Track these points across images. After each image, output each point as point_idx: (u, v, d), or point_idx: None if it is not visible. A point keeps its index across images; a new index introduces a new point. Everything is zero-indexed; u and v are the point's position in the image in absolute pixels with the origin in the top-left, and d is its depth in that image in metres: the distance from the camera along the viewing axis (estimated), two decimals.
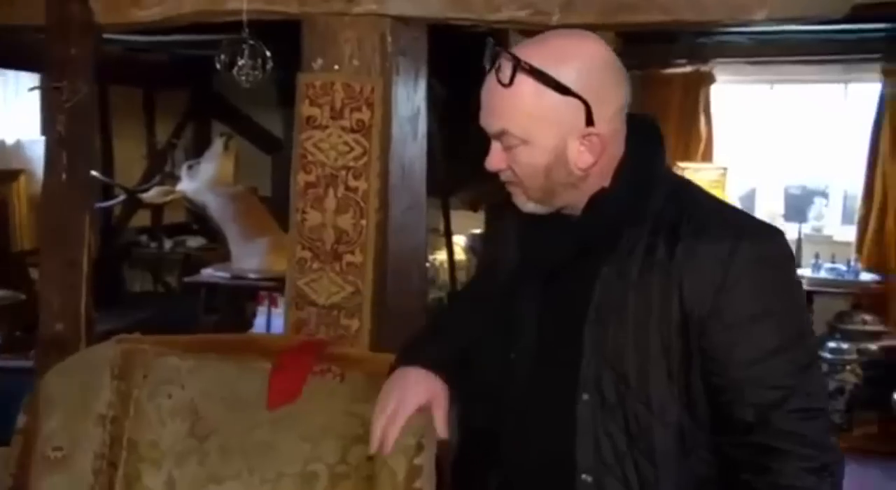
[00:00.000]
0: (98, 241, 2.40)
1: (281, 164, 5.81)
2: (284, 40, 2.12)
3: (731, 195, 5.29)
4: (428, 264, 4.16)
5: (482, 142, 3.16)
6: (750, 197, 5.77)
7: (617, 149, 1.29)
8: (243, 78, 2.09)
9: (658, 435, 1.25)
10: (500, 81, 1.21)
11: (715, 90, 5.48)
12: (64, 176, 2.17)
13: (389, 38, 1.93)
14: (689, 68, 5.36)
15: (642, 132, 1.32)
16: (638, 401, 1.25)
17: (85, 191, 2.23)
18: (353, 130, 1.94)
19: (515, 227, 1.44)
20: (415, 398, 1.50)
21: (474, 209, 4.15)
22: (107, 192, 5.53)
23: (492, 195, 3.03)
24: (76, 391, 1.78)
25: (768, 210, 5.49)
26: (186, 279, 5.19)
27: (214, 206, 5.41)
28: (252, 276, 5.01)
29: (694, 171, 4.94)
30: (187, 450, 1.70)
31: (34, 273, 4.30)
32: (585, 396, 1.27)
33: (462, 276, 3.92)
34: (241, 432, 1.70)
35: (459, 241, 4.08)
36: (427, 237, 2.70)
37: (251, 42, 2.06)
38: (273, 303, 5.61)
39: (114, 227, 6.01)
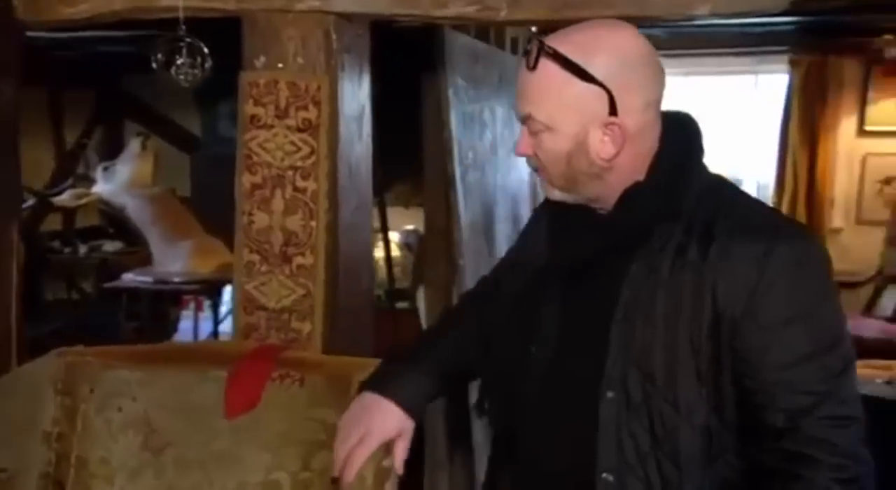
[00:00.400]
0: (24, 250, 2.32)
1: (200, 163, 5.72)
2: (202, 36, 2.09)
3: None
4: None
5: (414, 139, 3.15)
6: None
7: (648, 143, 1.29)
8: (181, 77, 2.04)
9: (684, 436, 1.24)
10: (527, 65, 1.23)
11: None
12: None
13: (334, 36, 1.91)
14: None
15: (680, 129, 1.32)
16: (664, 400, 1.24)
17: (11, 198, 2.16)
18: (299, 130, 1.92)
19: (547, 223, 1.44)
20: (381, 433, 1.49)
21: (407, 206, 4.15)
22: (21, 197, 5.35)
23: (424, 191, 3.03)
24: (18, 409, 1.75)
25: None
26: (107, 285, 5.05)
27: (133, 208, 5.30)
28: (176, 279, 4.93)
29: None
30: (142, 464, 1.68)
31: None
32: (610, 394, 1.26)
33: (398, 273, 3.93)
34: (198, 443, 1.68)
35: (394, 237, 4.08)
36: (371, 241, 2.71)
37: (188, 40, 2.01)
38: (199, 307, 5.53)
39: (24, 233, 5.79)
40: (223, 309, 5.49)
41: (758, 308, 1.20)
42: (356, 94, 2.04)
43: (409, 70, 2.93)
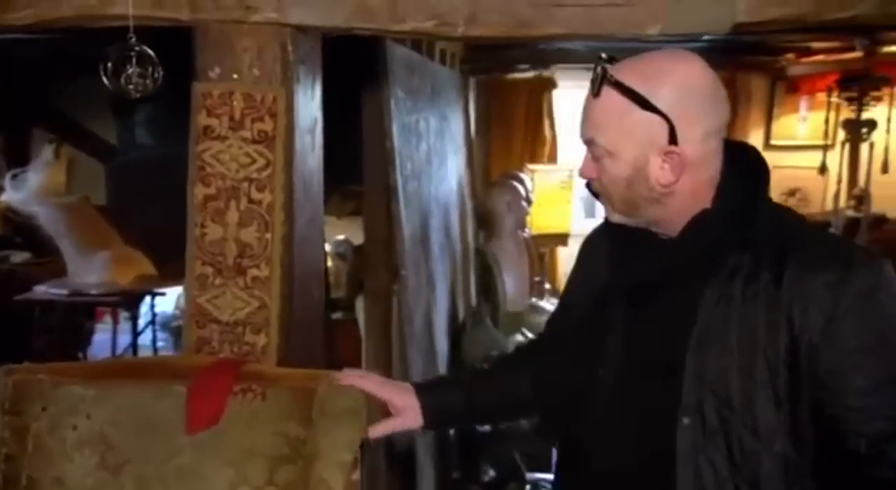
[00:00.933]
0: None
1: (117, 172, 5.57)
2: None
3: (577, 196, 5.56)
4: None
5: (344, 150, 3.14)
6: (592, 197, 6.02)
7: (709, 171, 1.32)
8: (131, 87, 1.99)
9: (765, 462, 1.26)
10: (591, 92, 1.29)
11: (558, 94, 5.73)
12: None
13: (290, 48, 1.90)
14: (531, 74, 5.56)
15: (744, 159, 1.36)
16: (743, 426, 1.26)
17: None
18: (255, 141, 1.89)
19: (607, 248, 1.48)
20: (391, 395, 1.59)
21: (339, 216, 4.13)
22: None
23: (364, 202, 3.04)
24: None
25: None
26: (17, 297, 4.85)
27: (45, 217, 5.11)
28: (93, 291, 4.78)
29: (543, 173, 5.17)
30: (99, 483, 1.65)
31: None
32: (686, 421, 1.28)
33: (338, 284, 3.93)
34: (159, 460, 1.66)
35: (328, 248, 4.07)
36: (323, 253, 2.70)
37: (138, 48, 1.97)
38: (116, 320, 5.38)
39: None
40: (141, 321, 5.37)
41: (835, 334, 1.22)
42: (310, 107, 2.03)
43: (344, 81, 2.93)
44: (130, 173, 5.55)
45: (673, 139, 1.27)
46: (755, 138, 5.68)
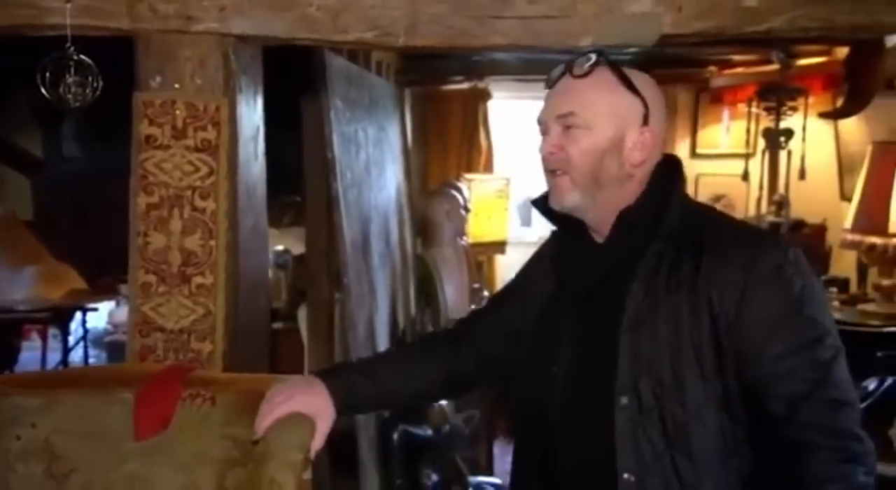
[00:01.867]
0: None
1: (44, 185, 5.45)
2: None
3: (514, 205, 5.64)
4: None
5: (280, 161, 3.14)
6: (528, 205, 6.11)
7: (652, 165, 1.46)
8: (70, 97, 1.98)
9: (695, 434, 1.33)
10: (576, 74, 1.41)
11: (492, 105, 5.81)
12: None
13: (232, 57, 1.92)
14: (466, 85, 5.63)
15: (666, 164, 1.48)
16: (675, 402, 1.33)
17: None
18: (198, 150, 1.91)
19: (551, 259, 1.58)
20: (303, 404, 1.57)
21: (278, 226, 4.12)
22: None
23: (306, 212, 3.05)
24: None
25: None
26: None
27: None
28: (21, 307, 4.71)
29: (480, 182, 5.22)
30: None
31: None
32: (624, 400, 1.35)
33: (281, 294, 3.93)
34: (107, 468, 1.65)
35: (271, 258, 4.06)
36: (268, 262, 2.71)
37: (76, 58, 1.96)
38: (44, 336, 5.26)
39: None
40: (72, 338, 5.26)
41: (748, 309, 1.31)
42: (252, 116, 2.06)
43: (283, 90, 2.94)
44: (58, 187, 5.43)
45: (646, 121, 1.43)
46: (682, 147, 5.82)
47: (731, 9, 1.84)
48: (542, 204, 1.54)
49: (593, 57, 1.43)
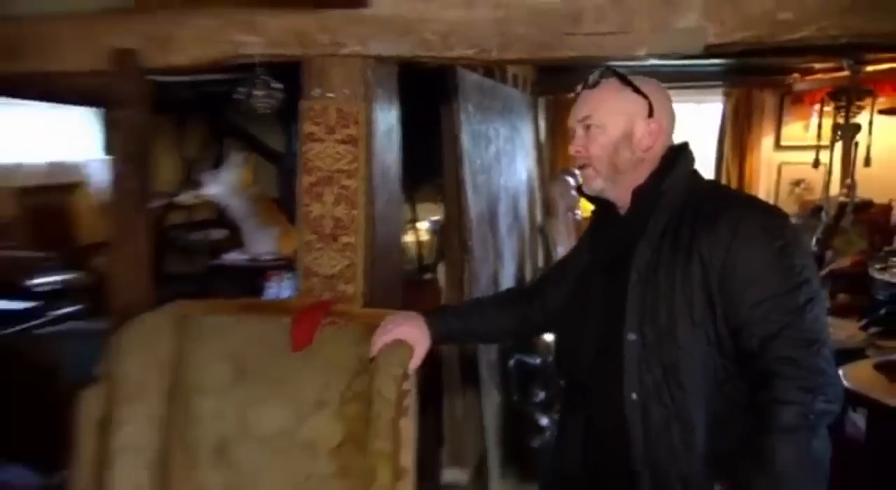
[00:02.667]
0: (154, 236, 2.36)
1: (283, 172, 5.73)
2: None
3: None
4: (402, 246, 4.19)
5: (434, 153, 3.11)
6: None
7: (661, 150, 1.37)
8: (258, 105, 2.07)
9: (686, 369, 1.26)
10: (590, 85, 1.37)
11: None
12: (126, 186, 2.13)
13: (370, 73, 1.92)
14: None
15: (675, 149, 1.40)
16: (670, 342, 1.26)
17: (143, 197, 2.20)
18: (344, 142, 1.93)
19: (588, 234, 1.55)
20: (402, 332, 1.59)
21: (435, 202, 4.15)
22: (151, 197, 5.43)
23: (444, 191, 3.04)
24: (145, 343, 1.77)
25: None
26: (213, 262, 5.09)
27: (236, 205, 5.31)
28: (265, 258, 4.97)
29: None
30: (230, 384, 1.71)
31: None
32: (631, 337, 1.30)
33: (426, 252, 3.97)
34: (271, 369, 1.72)
35: (423, 226, 4.10)
36: (402, 227, 2.75)
37: (264, 77, 2.04)
38: (281, 278, 5.57)
39: (154, 224, 5.85)
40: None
41: (733, 263, 1.23)
42: (387, 117, 2.05)
43: (431, 101, 2.93)
44: (291, 172, 5.69)
45: (651, 114, 1.35)
46: (767, 142, 5.48)
47: (767, 21, 1.65)
48: (581, 189, 1.49)
49: (601, 71, 1.38)
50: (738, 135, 5.46)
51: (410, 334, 1.60)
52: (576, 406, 1.49)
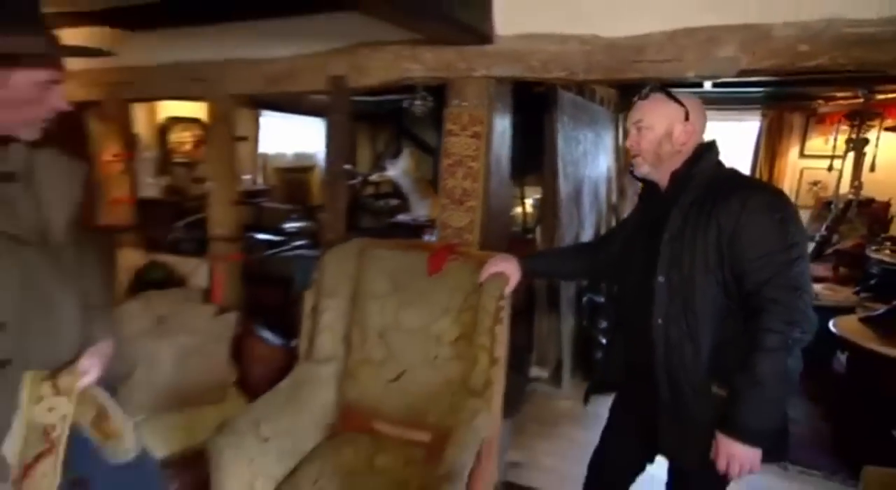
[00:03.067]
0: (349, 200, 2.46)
1: (436, 160, 5.78)
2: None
3: None
4: (511, 214, 4.14)
5: (539, 150, 2.98)
6: None
7: (693, 145, 1.27)
8: (417, 111, 2.10)
9: (699, 302, 1.19)
10: (642, 97, 1.29)
11: None
12: (335, 168, 2.23)
13: (492, 89, 1.89)
14: None
15: (708, 146, 1.29)
16: (689, 283, 1.19)
17: (345, 177, 2.31)
18: (472, 137, 1.93)
19: (638, 204, 1.47)
20: (503, 268, 1.59)
21: (536, 186, 4.05)
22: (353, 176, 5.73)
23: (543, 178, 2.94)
24: (339, 262, 1.84)
25: None
26: (390, 221, 5.30)
27: (406, 183, 5.51)
28: (422, 219, 5.10)
29: None
30: (388, 293, 1.76)
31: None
32: (661, 279, 1.23)
33: (529, 219, 3.90)
34: (415, 286, 1.75)
35: (529, 202, 4.02)
36: (511, 199, 2.71)
37: (422, 93, 2.07)
38: (431, 233, 5.71)
39: (354, 195, 6.17)
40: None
41: (740, 231, 1.14)
42: (502, 121, 2.01)
43: (539, 114, 2.84)
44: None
45: (687, 118, 1.25)
46: (794, 151, 4.95)
47: (789, 53, 1.46)
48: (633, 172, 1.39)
49: (651, 87, 1.28)
50: (770, 146, 4.97)
51: (507, 269, 1.59)
52: (619, 327, 1.43)
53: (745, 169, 5.09)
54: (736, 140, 5.35)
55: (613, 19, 1.65)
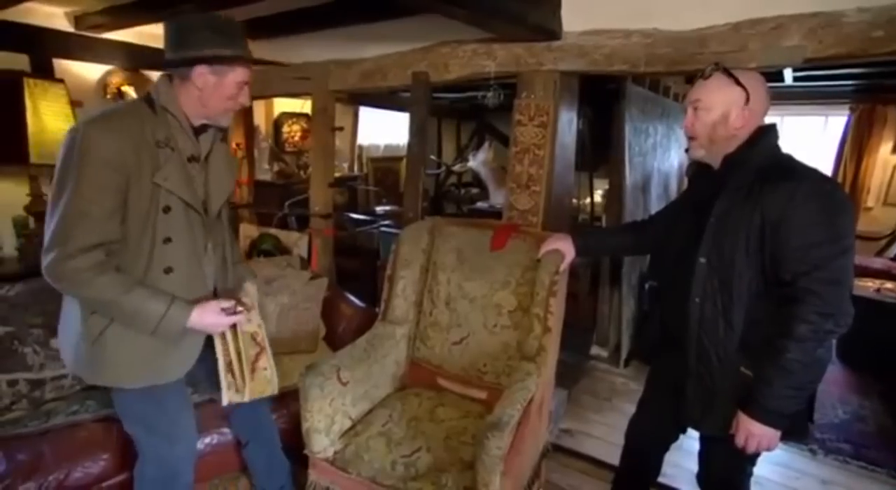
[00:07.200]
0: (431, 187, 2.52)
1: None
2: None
3: None
4: (580, 203, 4.05)
5: (608, 141, 2.91)
6: None
7: (750, 130, 1.19)
8: (490, 102, 2.13)
9: (735, 285, 1.15)
10: (704, 77, 1.21)
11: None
12: (415, 155, 2.29)
13: (558, 82, 1.88)
14: None
15: (766, 129, 1.21)
16: (728, 265, 1.16)
17: (422, 163, 2.34)
18: (538, 126, 1.93)
19: (689, 184, 1.42)
20: (559, 245, 1.59)
21: (605, 177, 3.91)
22: (437, 167, 5.87)
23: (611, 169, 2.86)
24: (414, 238, 1.86)
25: None
26: (470, 207, 5.36)
27: (485, 173, 5.48)
28: (499, 206, 5.04)
29: None
30: (455, 266, 1.81)
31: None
32: (702, 260, 1.21)
33: (598, 208, 3.79)
34: (478, 260, 1.78)
35: (598, 192, 3.91)
36: (576, 186, 2.67)
37: (495, 85, 2.10)
38: None
39: (439, 184, 6.32)
40: None
41: (785, 220, 1.08)
42: (568, 112, 1.99)
43: (610, 105, 2.75)
44: None
45: (747, 102, 1.16)
46: (885, 147, 4.29)
47: (860, 38, 1.31)
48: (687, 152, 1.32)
49: (712, 66, 1.18)
50: (857, 141, 4.34)
51: (563, 246, 1.60)
52: (658, 301, 1.40)
53: (828, 165, 4.50)
54: (818, 136, 4.79)
55: (676, 14, 1.59)
